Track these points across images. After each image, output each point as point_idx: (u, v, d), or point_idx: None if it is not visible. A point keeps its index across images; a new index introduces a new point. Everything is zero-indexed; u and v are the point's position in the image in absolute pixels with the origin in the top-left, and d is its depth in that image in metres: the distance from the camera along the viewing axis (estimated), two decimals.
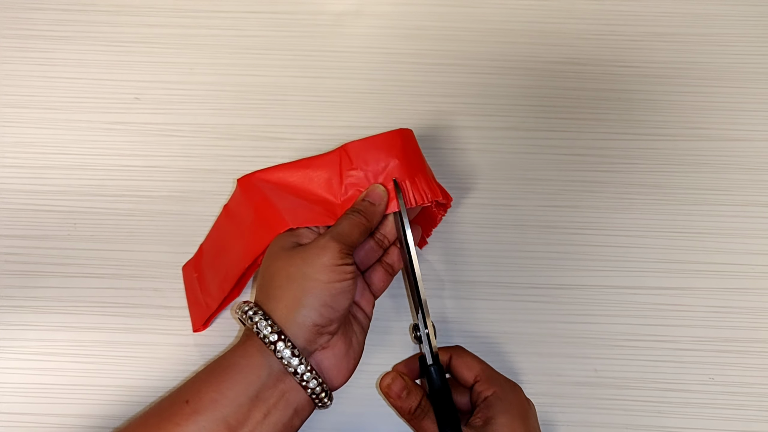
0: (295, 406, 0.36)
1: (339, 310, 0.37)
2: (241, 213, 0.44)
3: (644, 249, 0.49)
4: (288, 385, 0.36)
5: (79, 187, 0.50)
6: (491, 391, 0.40)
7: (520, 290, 0.48)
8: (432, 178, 0.44)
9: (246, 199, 0.43)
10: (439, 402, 0.39)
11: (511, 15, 0.56)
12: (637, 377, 0.46)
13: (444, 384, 0.40)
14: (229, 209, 0.46)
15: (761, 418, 0.45)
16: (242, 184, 0.44)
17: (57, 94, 0.53)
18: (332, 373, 0.38)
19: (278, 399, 0.36)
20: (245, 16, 0.55)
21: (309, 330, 0.36)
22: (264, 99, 0.53)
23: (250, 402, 0.35)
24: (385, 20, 0.56)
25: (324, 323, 0.37)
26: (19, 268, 0.48)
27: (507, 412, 0.39)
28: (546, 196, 0.50)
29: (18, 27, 0.55)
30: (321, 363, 0.38)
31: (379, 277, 0.42)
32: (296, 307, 0.36)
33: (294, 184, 0.42)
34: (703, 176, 0.51)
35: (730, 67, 0.54)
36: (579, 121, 0.52)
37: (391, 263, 0.43)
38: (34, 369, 0.46)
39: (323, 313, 0.36)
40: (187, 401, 0.35)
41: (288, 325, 0.36)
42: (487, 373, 0.41)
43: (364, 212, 0.40)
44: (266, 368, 0.36)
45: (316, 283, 0.36)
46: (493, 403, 0.39)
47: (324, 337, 0.37)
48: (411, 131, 0.43)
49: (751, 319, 0.47)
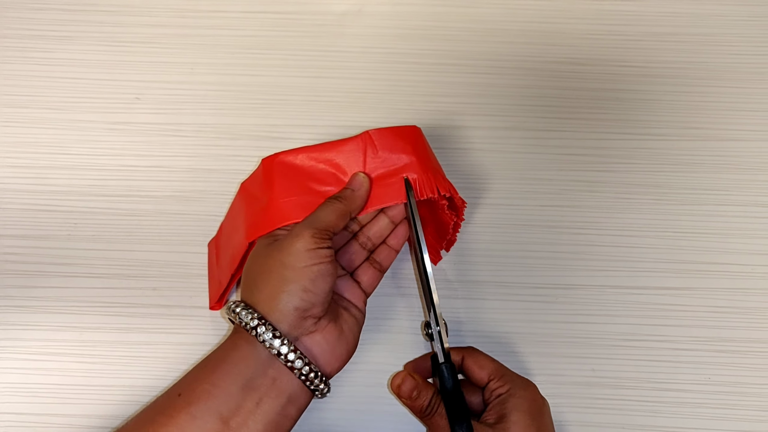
0: (288, 393, 0.37)
1: (319, 294, 0.37)
2: (256, 194, 0.44)
3: (644, 249, 0.49)
4: (277, 370, 0.36)
5: (79, 187, 0.50)
6: (505, 388, 0.40)
7: (520, 290, 0.48)
8: (443, 176, 0.44)
9: (265, 181, 0.43)
10: (451, 399, 0.40)
11: (511, 15, 0.56)
12: (635, 377, 0.46)
13: (455, 381, 0.40)
14: (246, 188, 0.46)
15: (758, 418, 0.45)
16: (265, 165, 0.43)
17: (58, 94, 0.53)
18: (324, 359, 0.38)
19: (269, 386, 0.36)
20: (246, 16, 0.56)
21: (291, 314, 0.37)
22: (265, 99, 0.53)
23: (241, 391, 0.35)
24: (386, 20, 0.56)
25: (305, 306, 0.37)
26: (20, 268, 0.48)
27: (520, 409, 0.39)
28: (545, 195, 0.50)
29: (19, 27, 0.55)
30: (311, 348, 0.38)
31: (368, 274, 0.43)
32: (277, 295, 0.37)
33: (312, 170, 0.43)
34: (703, 176, 0.51)
35: (731, 67, 0.54)
36: (579, 121, 0.53)
37: (380, 261, 0.43)
38: (34, 369, 0.46)
39: (303, 297, 0.37)
40: (179, 394, 0.36)
41: (270, 313, 0.37)
42: (500, 372, 0.41)
43: (343, 198, 0.41)
44: (254, 356, 0.36)
45: (294, 270, 0.37)
46: (507, 400, 0.39)
47: (309, 320, 0.38)
48: (420, 129, 0.44)
49: (750, 320, 0.47)
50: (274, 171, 0.43)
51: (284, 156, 0.43)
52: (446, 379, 0.40)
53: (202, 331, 0.47)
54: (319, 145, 0.43)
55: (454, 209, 0.45)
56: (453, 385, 0.40)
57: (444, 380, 0.40)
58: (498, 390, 0.40)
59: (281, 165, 0.43)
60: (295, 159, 0.43)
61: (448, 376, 0.40)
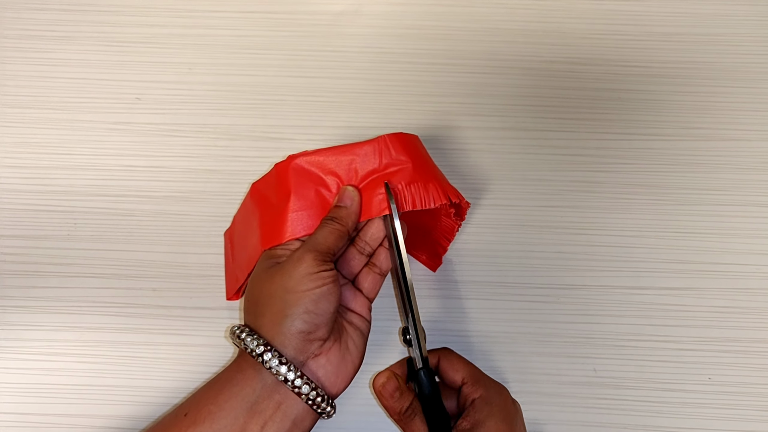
0: (293, 417, 0.37)
1: (323, 315, 0.37)
2: (271, 198, 0.44)
3: (644, 249, 0.49)
4: (283, 395, 0.37)
5: (79, 187, 0.50)
6: (478, 393, 0.40)
7: (520, 290, 0.48)
8: (439, 183, 0.43)
9: (279, 186, 0.43)
10: (429, 405, 0.40)
11: (510, 15, 0.56)
12: (636, 377, 0.46)
13: (434, 387, 0.40)
14: (258, 190, 0.45)
15: (760, 418, 0.45)
16: (280, 170, 0.43)
17: (58, 94, 0.53)
18: (330, 380, 0.38)
19: (274, 410, 0.36)
20: (244, 16, 0.55)
21: (296, 338, 0.37)
22: (263, 99, 0.53)
23: (246, 414, 0.36)
24: (383, 20, 0.56)
25: (310, 329, 0.37)
26: (20, 268, 0.48)
27: (494, 416, 0.39)
28: (545, 196, 0.50)
29: (19, 27, 0.55)
30: (317, 371, 0.38)
31: (369, 280, 0.43)
32: (281, 319, 0.37)
33: (325, 174, 0.42)
34: (703, 176, 0.51)
35: (731, 66, 0.54)
36: (578, 121, 0.52)
37: (379, 265, 0.43)
38: (34, 369, 0.46)
39: (307, 320, 0.37)
40: (186, 414, 0.36)
41: (275, 337, 0.37)
42: (474, 376, 0.41)
43: (338, 218, 0.40)
44: (259, 381, 0.36)
45: (296, 294, 0.37)
46: (481, 407, 0.40)
47: (314, 344, 0.38)
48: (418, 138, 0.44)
49: (751, 319, 0.47)
50: (289, 177, 0.42)
51: (298, 160, 0.42)
52: (425, 385, 0.40)
53: (202, 331, 0.47)
54: (333, 148, 0.43)
55: (459, 215, 0.44)
56: (431, 391, 0.40)
57: (422, 386, 0.40)
58: (471, 395, 0.40)
59: (295, 171, 0.42)
60: (308, 163, 0.42)
61: (427, 382, 0.40)
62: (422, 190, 0.41)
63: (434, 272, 0.48)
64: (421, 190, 0.41)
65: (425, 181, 0.42)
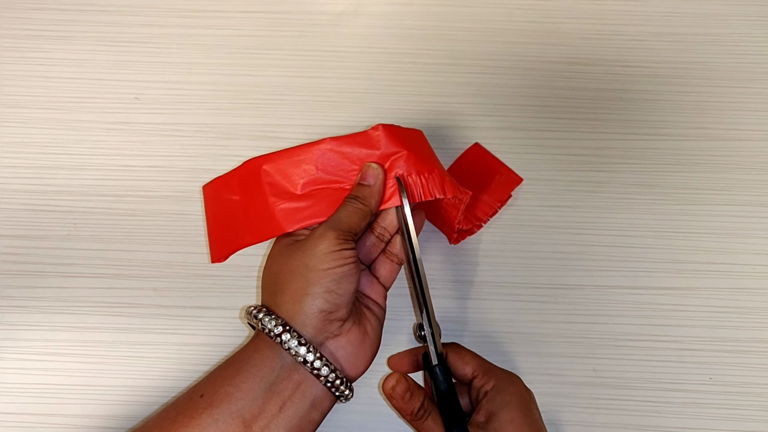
0: (312, 398, 0.36)
1: (344, 295, 0.37)
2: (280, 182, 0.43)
3: (644, 249, 0.49)
4: (301, 376, 0.36)
5: (79, 187, 0.50)
6: (491, 384, 0.40)
7: (520, 290, 0.48)
8: (445, 177, 0.43)
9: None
10: (445, 402, 0.39)
11: (511, 15, 0.56)
12: (636, 377, 0.46)
13: (450, 384, 0.40)
14: (268, 173, 0.43)
15: (761, 417, 0.45)
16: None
17: (57, 94, 0.53)
18: (349, 362, 0.38)
19: (293, 391, 0.36)
20: (244, 16, 0.55)
21: (316, 317, 0.36)
22: (263, 99, 0.53)
23: (264, 395, 0.35)
24: (383, 20, 0.56)
25: (330, 309, 0.37)
26: (19, 268, 0.48)
27: (509, 405, 0.39)
28: (546, 196, 0.50)
29: (18, 27, 0.55)
30: (336, 352, 0.38)
31: (386, 268, 0.42)
32: (301, 298, 0.36)
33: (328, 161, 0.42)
34: (703, 176, 0.51)
35: (731, 66, 0.54)
36: (579, 121, 0.52)
37: (396, 253, 0.43)
38: (34, 369, 0.46)
39: (328, 299, 0.36)
40: (202, 395, 0.35)
41: (294, 316, 0.36)
42: (484, 367, 0.41)
43: (360, 197, 0.40)
44: (278, 361, 0.36)
45: (318, 272, 0.37)
46: (495, 398, 0.39)
47: (334, 324, 0.37)
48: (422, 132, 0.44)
49: (751, 319, 0.47)
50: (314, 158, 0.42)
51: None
52: (440, 382, 0.40)
53: (203, 331, 0.47)
54: (332, 139, 0.42)
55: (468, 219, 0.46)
56: (448, 388, 0.39)
57: (438, 383, 0.40)
58: (484, 387, 0.40)
59: (322, 152, 0.42)
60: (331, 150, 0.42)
61: (443, 379, 0.40)
62: (437, 180, 0.41)
63: (452, 245, 0.49)
64: (437, 180, 0.41)
65: (441, 175, 0.41)
